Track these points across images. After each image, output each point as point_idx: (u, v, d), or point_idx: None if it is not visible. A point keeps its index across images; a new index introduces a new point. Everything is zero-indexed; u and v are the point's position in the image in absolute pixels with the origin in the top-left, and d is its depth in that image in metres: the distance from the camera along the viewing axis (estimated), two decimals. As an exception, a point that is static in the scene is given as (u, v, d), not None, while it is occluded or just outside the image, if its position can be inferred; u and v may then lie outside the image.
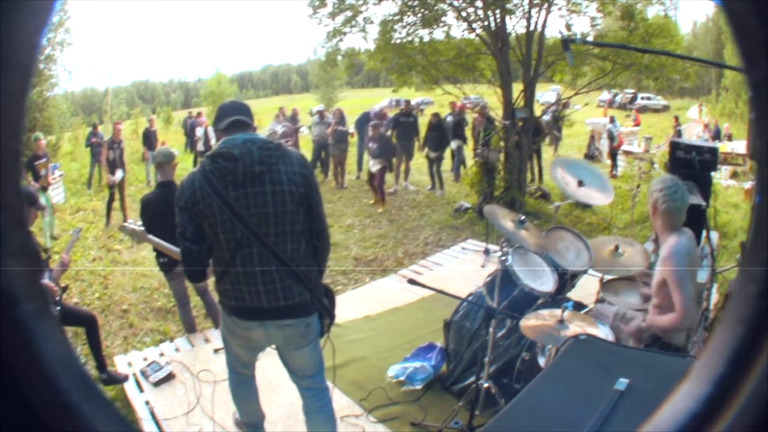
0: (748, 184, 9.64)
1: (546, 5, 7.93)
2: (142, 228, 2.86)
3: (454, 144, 10.59)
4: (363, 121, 10.64)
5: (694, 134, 14.44)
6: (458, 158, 10.54)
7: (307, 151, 10.79)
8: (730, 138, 13.92)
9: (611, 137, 12.01)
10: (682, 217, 2.54)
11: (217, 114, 2.22)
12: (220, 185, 2.01)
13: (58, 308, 3.24)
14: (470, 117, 11.30)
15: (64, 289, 3.45)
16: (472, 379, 2.91)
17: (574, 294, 3.46)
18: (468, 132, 11.00)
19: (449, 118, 10.87)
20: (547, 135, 9.95)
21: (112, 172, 8.18)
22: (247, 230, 2.02)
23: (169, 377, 3.44)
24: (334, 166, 10.41)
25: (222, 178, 2.02)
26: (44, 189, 7.27)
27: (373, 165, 8.62)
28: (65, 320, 3.33)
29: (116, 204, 8.33)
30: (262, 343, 2.28)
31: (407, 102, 10.46)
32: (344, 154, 10.19)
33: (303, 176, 2.10)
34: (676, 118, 15.01)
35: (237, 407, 2.63)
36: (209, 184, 2.02)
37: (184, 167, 10.90)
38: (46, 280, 3.18)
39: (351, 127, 10.98)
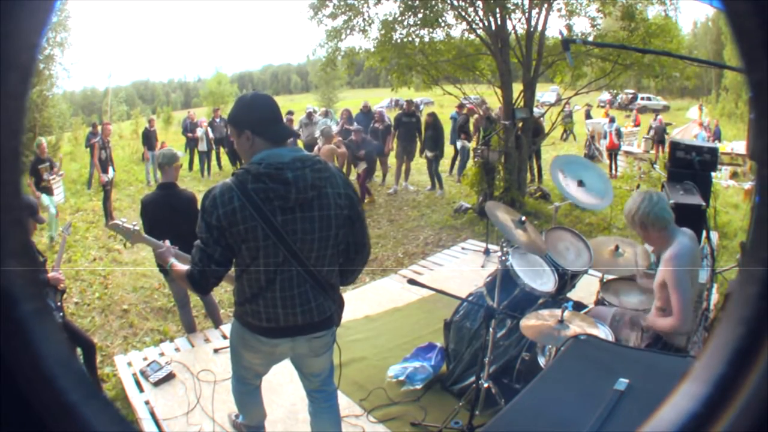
0: (748, 185, 9.64)
1: (546, 6, 7.93)
2: (137, 228, 2.74)
3: (459, 144, 10.60)
4: (360, 120, 10.65)
5: (692, 134, 14.50)
6: (463, 158, 10.52)
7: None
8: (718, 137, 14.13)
9: (605, 136, 12.18)
10: (672, 215, 2.54)
11: (249, 111, 1.97)
12: (267, 209, 1.86)
13: (60, 314, 3.24)
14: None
15: (63, 291, 3.43)
16: (472, 379, 2.91)
17: (574, 294, 3.46)
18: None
19: (458, 119, 10.91)
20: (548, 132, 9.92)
21: (105, 171, 8.21)
22: (290, 255, 1.92)
23: (169, 377, 3.44)
24: (338, 166, 10.40)
25: (269, 201, 1.86)
26: (49, 192, 7.25)
27: (359, 166, 9.00)
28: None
29: (116, 204, 8.33)
30: (285, 355, 2.23)
31: (409, 102, 10.43)
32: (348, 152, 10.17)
33: (348, 197, 2.03)
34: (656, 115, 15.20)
35: (242, 413, 2.62)
36: (253, 206, 1.85)
37: (183, 167, 10.87)
38: (53, 273, 3.17)
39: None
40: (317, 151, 8.51)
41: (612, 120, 12.80)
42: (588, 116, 15.98)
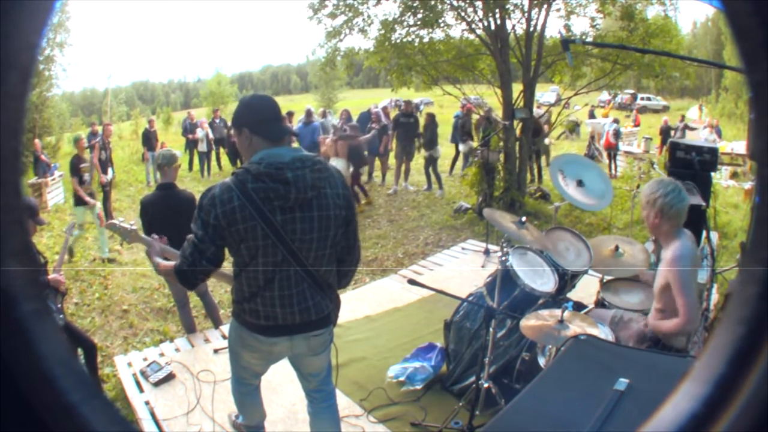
0: (748, 185, 9.65)
1: (545, 6, 7.94)
2: (134, 227, 2.73)
3: (462, 146, 10.60)
4: (363, 119, 10.64)
5: (700, 135, 14.53)
6: (465, 159, 10.52)
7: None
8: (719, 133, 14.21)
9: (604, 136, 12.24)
10: (685, 217, 2.54)
11: (248, 110, 2.02)
12: (267, 208, 1.88)
13: (61, 316, 3.23)
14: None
15: (63, 293, 3.43)
16: (472, 379, 2.91)
17: (574, 294, 3.46)
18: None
19: (459, 119, 10.91)
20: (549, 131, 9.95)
21: (105, 172, 8.18)
22: (288, 254, 1.94)
23: (169, 377, 3.44)
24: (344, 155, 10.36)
25: (269, 200, 1.88)
26: (91, 196, 6.70)
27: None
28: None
29: (116, 204, 8.31)
30: (283, 354, 2.23)
31: (407, 102, 10.42)
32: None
33: (345, 197, 2.06)
34: (682, 117, 15.23)
35: (242, 413, 2.62)
36: (253, 206, 1.86)
37: (183, 167, 10.86)
38: (54, 275, 3.17)
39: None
40: (323, 141, 8.54)
41: (615, 120, 12.81)
42: (592, 116, 16.07)
